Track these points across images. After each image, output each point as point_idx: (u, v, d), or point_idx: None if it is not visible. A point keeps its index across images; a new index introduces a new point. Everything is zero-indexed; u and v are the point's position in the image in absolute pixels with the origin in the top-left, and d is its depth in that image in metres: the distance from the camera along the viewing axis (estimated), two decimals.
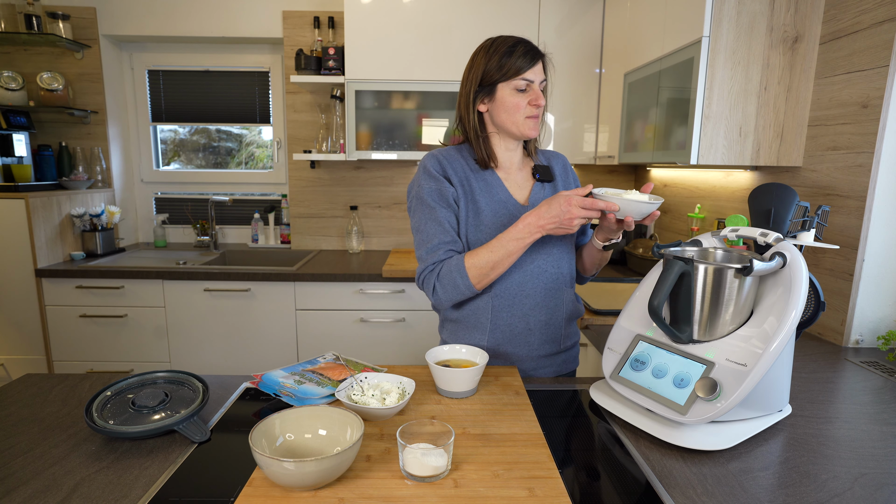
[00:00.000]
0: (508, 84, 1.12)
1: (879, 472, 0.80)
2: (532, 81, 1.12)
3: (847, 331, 1.41)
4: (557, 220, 1.02)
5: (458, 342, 1.22)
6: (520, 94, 1.12)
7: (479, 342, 1.20)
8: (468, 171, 1.18)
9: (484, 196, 1.17)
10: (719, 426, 0.88)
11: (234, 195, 3.01)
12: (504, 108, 1.14)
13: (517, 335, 1.18)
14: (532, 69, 1.11)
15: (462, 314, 1.21)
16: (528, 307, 1.17)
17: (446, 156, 1.20)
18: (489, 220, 1.15)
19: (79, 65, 2.71)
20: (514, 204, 1.17)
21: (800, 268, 0.85)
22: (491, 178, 1.19)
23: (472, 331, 1.20)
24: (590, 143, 2.56)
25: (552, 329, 1.20)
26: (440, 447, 0.73)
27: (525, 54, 1.11)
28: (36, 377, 1.10)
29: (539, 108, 1.14)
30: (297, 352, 2.41)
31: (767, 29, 1.51)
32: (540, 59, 1.13)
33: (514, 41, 1.12)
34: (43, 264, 2.32)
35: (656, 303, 0.87)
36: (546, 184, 1.23)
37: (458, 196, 1.17)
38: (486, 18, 2.40)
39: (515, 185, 1.21)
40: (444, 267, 1.12)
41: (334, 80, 2.52)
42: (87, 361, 2.39)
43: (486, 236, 1.14)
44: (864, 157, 1.34)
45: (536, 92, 1.13)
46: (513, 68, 1.10)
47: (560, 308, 1.21)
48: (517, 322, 1.18)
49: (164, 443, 0.85)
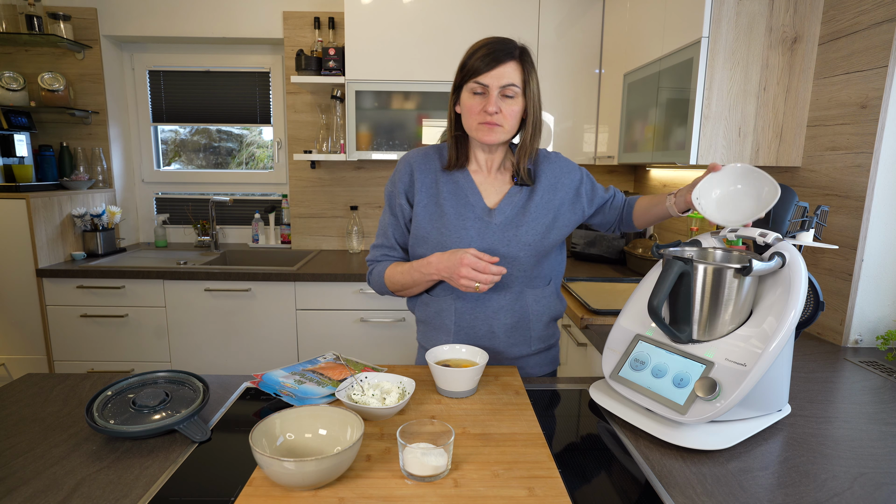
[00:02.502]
0: (467, 86, 1.09)
1: (878, 472, 0.81)
2: (486, 86, 1.06)
3: (846, 330, 1.41)
4: (448, 273, 1.07)
5: (429, 343, 1.23)
6: (475, 98, 1.08)
7: (445, 343, 1.19)
8: (439, 172, 1.18)
9: (449, 198, 1.16)
10: (719, 426, 0.88)
11: (235, 195, 3.02)
12: (464, 112, 1.12)
13: (481, 337, 1.18)
14: (489, 73, 1.05)
15: (428, 315, 1.22)
16: (492, 310, 1.17)
17: (423, 155, 1.20)
18: (453, 221, 1.15)
19: (80, 65, 2.71)
20: (481, 207, 1.16)
21: (799, 268, 0.86)
22: (462, 180, 1.18)
23: (438, 332, 1.21)
24: (589, 143, 2.56)
25: (520, 332, 1.19)
26: (440, 447, 0.73)
27: (484, 57, 1.05)
28: (37, 377, 1.10)
29: (488, 114, 1.07)
30: (297, 352, 2.41)
31: (766, 29, 1.51)
32: (505, 61, 1.06)
33: (484, 42, 1.08)
34: (44, 264, 2.32)
35: (656, 303, 0.87)
36: (524, 188, 1.18)
37: (413, 199, 1.18)
38: (486, 19, 2.40)
39: (490, 188, 1.18)
40: (375, 269, 1.22)
41: (334, 80, 2.52)
42: (88, 361, 2.40)
43: (449, 237, 1.14)
44: (863, 158, 1.34)
45: (491, 98, 1.06)
46: (470, 70, 1.07)
47: (529, 310, 1.19)
48: (480, 324, 1.18)
49: (165, 442, 0.85)
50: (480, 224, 1.15)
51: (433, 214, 1.16)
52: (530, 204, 1.17)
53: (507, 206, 1.16)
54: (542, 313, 1.21)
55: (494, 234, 1.15)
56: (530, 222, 1.15)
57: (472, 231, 1.14)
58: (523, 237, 1.14)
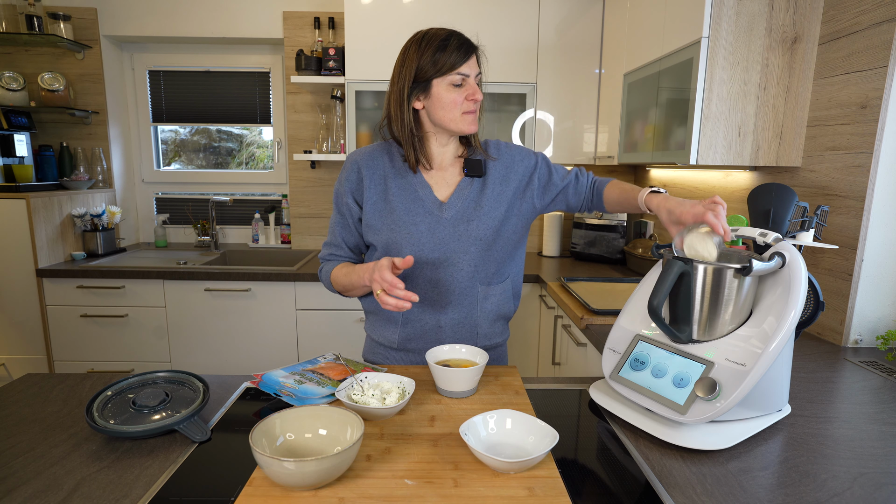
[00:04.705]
0: (444, 80, 1.07)
1: (878, 472, 0.81)
2: (467, 76, 1.08)
3: (846, 330, 1.41)
4: (369, 283, 1.05)
5: (376, 334, 1.24)
6: (456, 90, 1.08)
7: (392, 335, 1.21)
8: (388, 171, 1.17)
9: (399, 194, 1.16)
10: (719, 426, 0.88)
11: (235, 195, 3.02)
12: (441, 105, 1.09)
13: (428, 331, 1.19)
14: (467, 63, 1.07)
15: (376, 306, 1.22)
16: (440, 304, 1.17)
17: (369, 154, 1.19)
18: (402, 217, 1.14)
19: (80, 65, 2.71)
20: (432, 201, 1.15)
21: (799, 268, 0.86)
22: (412, 176, 1.17)
23: (386, 324, 1.22)
24: (589, 143, 2.56)
25: (467, 328, 1.19)
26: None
27: (459, 48, 1.06)
28: (37, 377, 1.10)
29: (476, 102, 1.10)
30: (297, 352, 2.41)
31: (766, 29, 1.51)
32: (474, 52, 1.09)
33: (447, 34, 1.08)
34: (44, 264, 2.32)
35: (656, 303, 0.87)
36: (475, 179, 1.17)
37: (362, 198, 1.17)
38: (486, 18, 2.40)
39: (442, 182, 1.17)
40: (324, 268, 1.24)
41: (334, 80, 2.52)
42: (88, 361, 2.40)
43: (399, 233, 1.14)
44: (863, 158, 1.34)
45: (473, 86, 1.09)
46: (447, 63, 1.06)
47: (477, 307, 1.18)
48: (428, 318, 1.18)
49: (165, 442, 0.85)
50: (431, 219, 1.14)
51: (383, 212, 1.16)
52: (482, 197, 1.16)
53: (458, 200, 1.15)
54: (491, 311, 1.20)
55: (445, 229, 1.14)
56: (482, 216, 1.14)
57: (423, 226, 1.14)
58: (474, 231, 1.14)
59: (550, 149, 2.55)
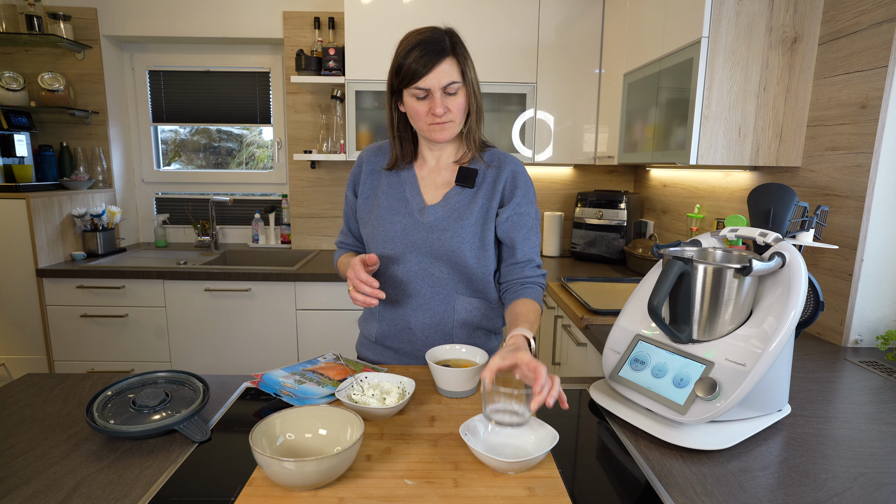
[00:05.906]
0: (408, 91, 1.04)
1: (878, 472, 0.81)
2: (427, 90, 1.02)
3: (846, 330, 1.41)
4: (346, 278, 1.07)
5: (362, 326, 1.28)
6: (420, 102, 1.04)
7: (372, 329, 1.24)
8: (383, 167, 1.19)
9: (387, 191, 1.17)
10: (719, 426, 0.88)
11: (235, 195, 3.02)
12: (410, 114, 1.08)
13: (400, 331, 1.20)
14: (428, 76, 1.01)
15: None
16: (411, 307, 1.17)
17: (376, 149, 1.23)
18: (384, 214, 1.15)
19: (80, 65, 2.71)
20: (417, 203, 1.14)
21: (799, 268, 0.86)
22: (405, 175, 1.17)
23: (369, 319, 1.25)
24: (589, 143, 2.56)
25: (440, 334, 1.18)
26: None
27: (419, 59, 1.00)
28: (37, 377, 1.10)
29: (437, 116, 1.04)
30: (297, 352, 2.41)
31: (766, 29, 1.51)
32: (441, 59, 1.01)
33: (415, 42, 1.02)
34: (44, 264, 2.32)
35: (656, 303, 0.87)
36: (465, 190, 1.13)
37: (358, 191, 1.21)
38: (486, 18, 2.40)
39: (433, 185, 1.16)
40: (336, 255, 1.30)
41: (334, 80, 2.52)
42: (88, 361, 2.40)
43: (377, 229, 1.15)
44: (863, 158, 1.34)
45: (436, 100, 1.02)
46: (406, 76, 1.02)
47: (453, 316, 1.16)
48: (400, 318, 1.19)
49: (165, 442, 0.85)
50: (409, 221, 1.13)
51: (371, 206, 1.18)
52: (467, 210, 1.12)
53: (441, 208, 1.13)
54: (468, 322, 1.17)
55: (419, 233, 1.13)
56: (459, 229, 1.11)
57: (398, 226, 1.14)
58: (448, 242, 1.11)
59: (550, 149, 2.55)
